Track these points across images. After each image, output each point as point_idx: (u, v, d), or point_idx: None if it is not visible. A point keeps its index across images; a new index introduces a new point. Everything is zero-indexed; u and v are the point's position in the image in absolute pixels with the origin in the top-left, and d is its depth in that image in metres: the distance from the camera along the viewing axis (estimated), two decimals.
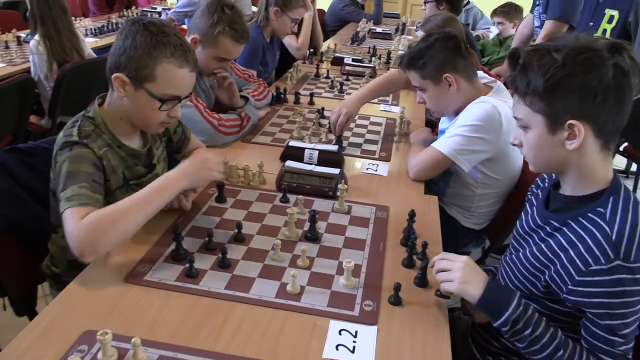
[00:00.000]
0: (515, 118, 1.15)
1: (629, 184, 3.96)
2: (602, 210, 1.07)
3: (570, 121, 1.05)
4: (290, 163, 1.73)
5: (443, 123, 2.02)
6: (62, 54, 2.90)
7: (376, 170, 1.88)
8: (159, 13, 5.02)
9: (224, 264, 1.28)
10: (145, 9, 5.46)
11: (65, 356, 1.00)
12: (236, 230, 1.40)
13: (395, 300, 1.19)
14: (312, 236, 1.41)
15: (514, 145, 1.20)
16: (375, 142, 2.14)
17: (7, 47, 3.45)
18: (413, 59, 1.82)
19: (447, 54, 1.79)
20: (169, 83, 1.36)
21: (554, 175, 1.25)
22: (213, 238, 1.36)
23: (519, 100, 1.11)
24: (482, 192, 1.91)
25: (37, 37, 2.90)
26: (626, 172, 4.23)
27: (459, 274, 1.14)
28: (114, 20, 4.50)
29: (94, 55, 3.22)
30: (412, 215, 1.45)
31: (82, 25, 4.22)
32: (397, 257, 1.37)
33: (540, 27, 3.43)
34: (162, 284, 1.21)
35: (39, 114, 3.07)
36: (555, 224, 1.15)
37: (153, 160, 1.55)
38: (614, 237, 1.03)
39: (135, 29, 1.35)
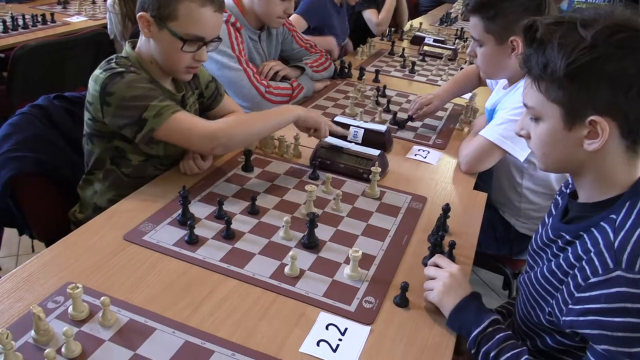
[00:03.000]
0: (525, 105, 0.96)
1: None
2: (614, 216, 0.88)
3: (593, 117, 0.86)
4: (329, 139, 1.63)
5: (489, 100, 1.81)
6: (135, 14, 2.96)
7: (425, 158, 1.73)
8: None
9: (227, 235, 1.22)
10: None
11: (41, 303, 0.98)
12: (250, 202, 1.33)
13: (401, 301, 1.07)
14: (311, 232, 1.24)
15: (520, 136, 1.01)
16: (433, 128, 1.98)
17: (93, 2, 3.60)
18: (483, 5, 1.57)
19: (525, 14, 1.50)
20: (191, 22, 1.34)
21: None
22: (224, 207, 1.30)
23: (531, 84, 0.92)
24: (529, 185, 1.73)
25: None
26: None
27: (440, 284, 1.04)
28: None
29: None
30: (446, 209, 1.30)
31: None
32: (420, 253, 1.24)
33: None
34: (158, 246, 1.17)
35: None
36: (567, 237, 0.96)
37: (186, 107, 1.52)
38: (616, 244, 0.83)
39: None
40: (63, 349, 0.87)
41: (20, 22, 3.02)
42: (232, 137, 1.37)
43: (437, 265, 1.10)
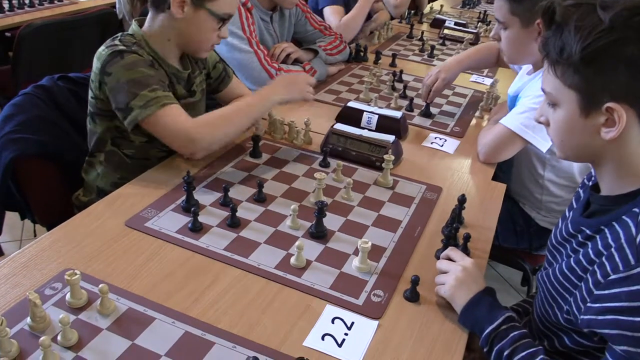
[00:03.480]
0: (543, 91, 0.96)
1: None
2: (637, 210, 0.86)
3: (609, 104, 0.85)
4: (340, 125, 1.61)
5: (513, 86, 1.77)
6: None
7: (442, 146, 1.71)
8: None
9: (232, 223, 1.21)
10: None
11: (38, 289, 0.98)
12: (257, 189, 1.32)
13: (411, 296, 1.05)
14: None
15: (539, 123, 1.00)
16: (451, 115, 1.95)
17: None
18: None
19: None
20: (227, 2, 1.40)
21: None
22: (229, 194, 1.29)
23: (548, 69, 0.92)
24: (552, 177, 1.70)
25: None
26: None
27: (452, 278, 1.02)
28: None
29: None
30: (461, 200, 1.28)
31: None
32: (433, 246, 1.22)
33: None
34: (161, 233, 1.17)
35: None
36: (588, 231, 0.94)
37: (193, 86, 1.52)
38: (638, 238, 0.81)
39: None
40: (59, 337, 0.87)
41: (27, 0, 3.02)
42: (213, 140, 1.36)
43: (450, 259, 1.08)
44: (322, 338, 0.94)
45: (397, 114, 1.72)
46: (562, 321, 0.96)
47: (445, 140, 1.75)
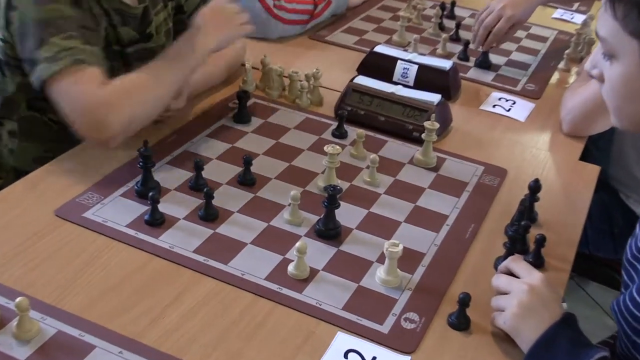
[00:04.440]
0: (597, 35, 1.00)
1: None
2: None
3: None
4: (363, 79, 1.61)
5: None
6: None
7: (508, 111, 1.73)
8: None
9: (206, 215, 1.24)
10: None
11: None
12: (243, 168, 1.34)
13: (458, 322, 1.06)
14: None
15: (592, 77, 1.05)
16: (524, 67, 1.98)
17: None
18: None
19: None
20: None
21: None
22: (204, 173, 1.31)
23: (606, 8, 0.95)
24: None
25: None
26: None
27: (515, 304, 1.00)
28: None
29: None
30: (534, 188, 1.29)
31: None
32: (492, 252, 1.24)
33: None
34: (105, 227, 1.19)
35: None
36: None
37: (149, 27, 1.53)
38: None
39: None
40: None
41: None
42: (132, 118, 1.29)
43: (512, 274, 1.08)
44: None
45: (446, 64, 1.74)
46: None
47: (514, 103, 1.76)
